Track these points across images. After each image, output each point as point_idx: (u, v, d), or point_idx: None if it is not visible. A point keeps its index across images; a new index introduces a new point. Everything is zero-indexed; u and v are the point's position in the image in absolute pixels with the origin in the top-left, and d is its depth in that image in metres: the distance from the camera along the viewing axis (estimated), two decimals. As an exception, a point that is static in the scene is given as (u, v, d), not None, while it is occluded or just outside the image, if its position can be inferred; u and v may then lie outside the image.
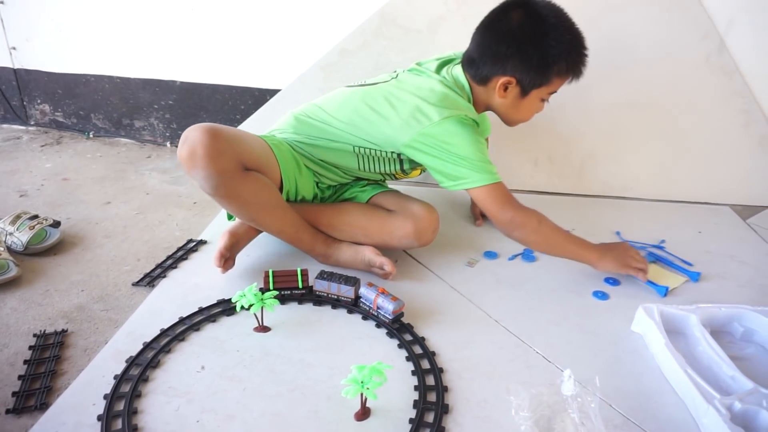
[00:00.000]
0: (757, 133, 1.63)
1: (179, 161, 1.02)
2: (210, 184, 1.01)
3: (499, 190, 1.12)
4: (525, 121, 1.26)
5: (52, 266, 1.24)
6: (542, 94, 1.17)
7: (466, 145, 1.10)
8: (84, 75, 2.02)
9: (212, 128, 1.00)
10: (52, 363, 0.93)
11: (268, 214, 1.14)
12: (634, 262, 1.16)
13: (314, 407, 0.85)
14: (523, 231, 1.13)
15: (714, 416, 0.79)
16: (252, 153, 1.08)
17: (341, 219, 1.23)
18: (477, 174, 1.10)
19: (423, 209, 1.21)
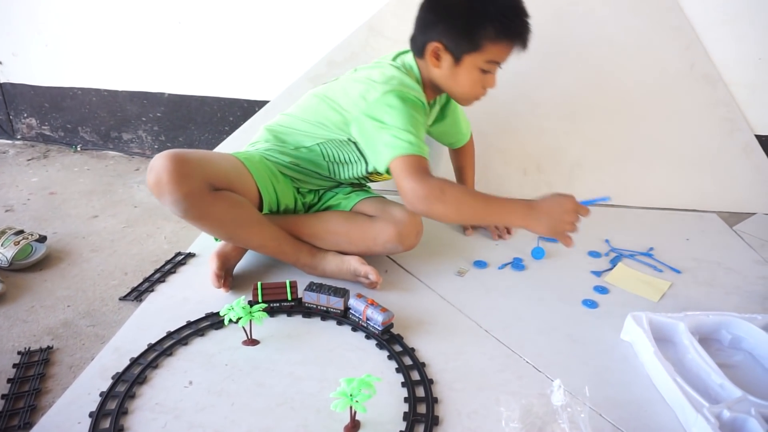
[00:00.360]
0: (741, 141, 1.65)
1: (149, 190, 1.03)
2: (179, 208, 1.02)
3: (411, 162, 1.03)
4: (472, 96, 1.17)
5: (38, 282, 1.22)
6: (478, 62, 1.10)
7: (397, 116, 1.05)
8: (71, 88, 2.00)
9: (176, 153, 1.01)
10: (37, 381, 0.91)
11: (245, 231, 1.13)
12: (566, 226, 1.03)
13: (303, 421, 0.84)
14: (426, 203, 1.02)
15: (703, 425, 0.79)
16: (220, 172, 1.09)
17: (323, 227, 1.22)
18: (396, 142, 1.04)
19: (405, 213, 1.21)
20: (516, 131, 1.70)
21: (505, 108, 1.68)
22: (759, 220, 1.62)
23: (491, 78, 1.15)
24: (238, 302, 0.99)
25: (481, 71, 1.12)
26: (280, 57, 1.77)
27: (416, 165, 1.03)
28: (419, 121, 1.09)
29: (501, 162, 1.74)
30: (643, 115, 1.66)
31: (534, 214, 1.03)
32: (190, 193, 1.01)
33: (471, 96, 1.18)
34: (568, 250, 1.38)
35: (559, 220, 1.02)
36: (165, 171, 0.99)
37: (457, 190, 1.07)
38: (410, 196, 1.03)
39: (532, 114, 1.68)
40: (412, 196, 1.02)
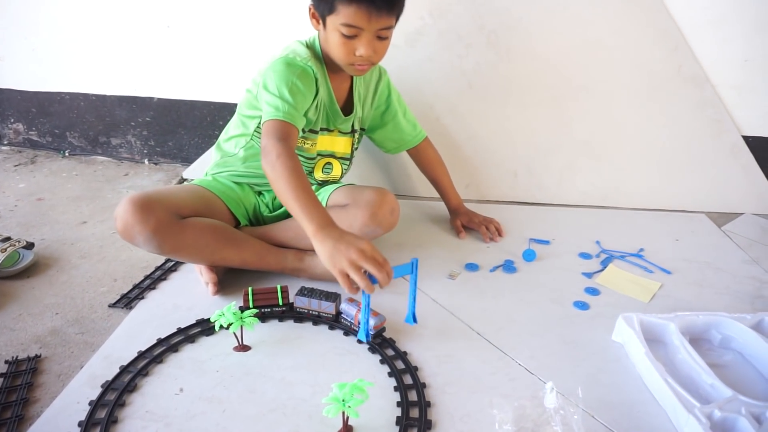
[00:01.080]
0: (728, 142, 1.66)
1: (121, 238, 1.07)
2: (153, 244, 1.05)
3: (275, 126, 1.05)
4: (344, 61, 1.12)
5: (25, 289, 1.21)
6: (336, 24, 1.07)
7: (276, 80, 1.09)
8: (58, 93, 1.99)
9: (135, 195, 1.05)
10: (24, 390, 0.90)
11: (222, 252, 1.14)
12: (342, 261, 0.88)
13: (295, 427, 0.83)
14: (264, 160, 1.01)
15: (694, 425, 0.79)
16: (181, 201, 1.13)
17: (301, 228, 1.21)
18: (268, 108, 1.08)
19: (375, 194, 1.19)
20: (506, 134, 1.71)
21: (496, 111, 1.69)
22: (747, 221, 1.64)
23: (360, 43, 1.08)
24: (229, 308, 0.98)
25: (343, 36, 1.08)
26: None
27: (275, 129, 1.05)
28: (299, 87, 1.10)
29: (492, 164, 1.74)
30: (631, 117, 1.67)
31: (325, 232, 0.92)
32: (158, 226, 1.04)
33: (346, 61, 1.12)
34: (559, 251, 1.40)
35: (344, 249, 0.89)
36: (128, 213, 1.03)
37: (287, 166, 0.99)
38: (261, 150, 1.04)
39: (523, 116, 1.69)
40: (261, 148, 1.04)
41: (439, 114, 1.69)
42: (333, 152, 1.31)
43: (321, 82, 1.18)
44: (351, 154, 1.34)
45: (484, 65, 1.64)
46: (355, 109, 1.29)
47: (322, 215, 0.95)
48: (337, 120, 1.26)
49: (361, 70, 1.15)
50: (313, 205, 0.96)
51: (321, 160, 1.30)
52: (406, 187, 1.76)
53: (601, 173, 1.72)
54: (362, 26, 1.06)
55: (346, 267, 0.88)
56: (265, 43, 1.73)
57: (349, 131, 1.30)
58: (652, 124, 1.67)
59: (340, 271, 0.88)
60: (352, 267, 0.87)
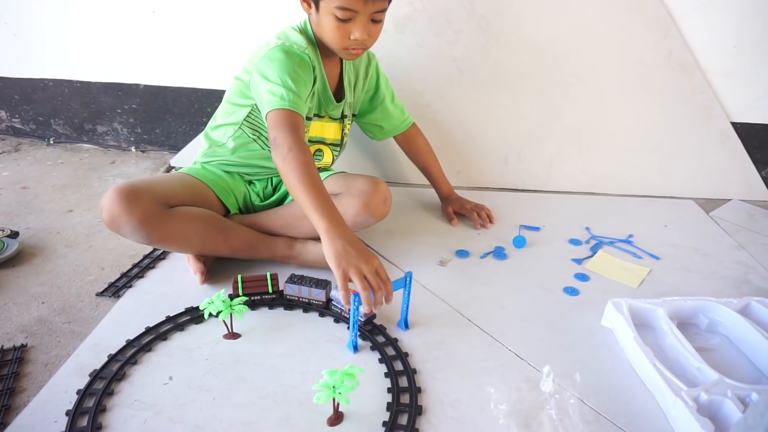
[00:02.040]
0: (717, 129, 1.67)
1: (108, 228, 1.04)
2: (140, 235, 1.04)
3: (283, 116, 1.04)
4: (338, 44, 1.11)
5: (10, 278, 1.19)
6: (330, 7, 1.06)
7: (276, 69, 1.08)
8: (42, 80, 1.95)
9: (121, 185, 1.03)
10: (11, 380, 0.89)
11: (211, 241, 1.13)
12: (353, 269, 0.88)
13: (286, 414, 0.83)
14: (275, 152, 1.01)
15: (682, 408, 0.80)
16: (169, 189, 1.11)
17: (293, 215, 1.20)
18: (271, 97, 1.06)
19: (368, 183, 1.19)
20: (497, 121, 1.70)
21: (486, 98, 1.68)
22: (734, 207, 1.65)
23: (355, 27, 1.08)
24: (218, 296, 0.97)
25: (337, 19, 1.07)
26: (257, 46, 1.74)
27: (284, 119, 1.04)
28: (300, 76, 1.10)
29: (482, 152, 1.74)
30: (621, 105, 1.67)
31: (337, 231, 0.91)
32: (145, 216, 1.02)
33: (339, 45, 1.11)
34: (550, 238, 1.40)
35: (354, 255, 0.89)
36: (115, 203, 1.01)
37: (300, 160, 0.98)
38: (271, 145, 1.03)
39: (513, 104, 1.68)
40: (272, 144, 1.02)
41: (428, 100, 1.68)
42: (323, 138, 1.29)
43: (317, 69, 1.17)
44: (341, 140, 1.33)
45: (474, 51, 1.63)
46: (345, 95, 1.28)
47: (335, 213, 0.94)
48: (329, 106, 1.25)
49: (355, 54, 1.13)
50: (326, 201, 0.95)
51: (311, 147, 1.28)
52: (395, 174, 1.76)
53: (591, 160, 1.72)
54: (357, 9, 1.05)
55: (352, 272, 0.87)
56: (253, 29, 1.71)
57: (339, 117, 1.29)
58: (642, 111, 1.67)
59: (344, 272, 0.88)
60: (357, 274, 0.87)
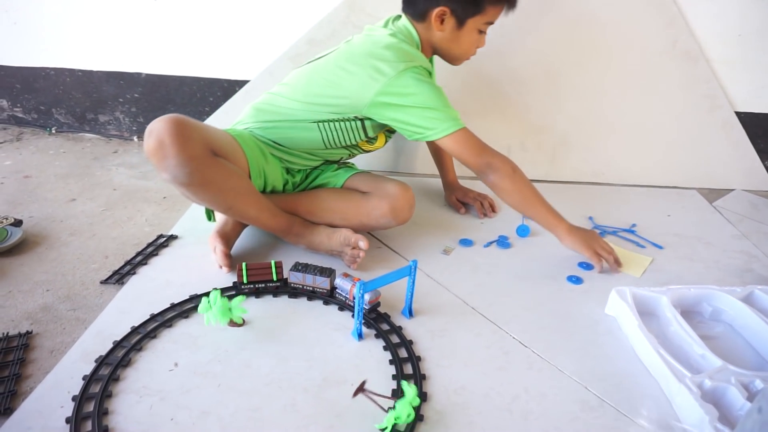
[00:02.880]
0: (720, 118, 1.66)
1: (147, 156, 0.99)
2: (184, 171, 0.98)
3: (469, 136, 1.15)
4: (467, 56, 1.25)
5: (15, 266, 1.19)
6: (478, 24, 1.16)
7: (426, 94, 1.11)
8: (43, 68, 1.94)
9: (176, 117, 0.98)
10: (17, 366, 0.89)
11: (243, 200, 1.12)
12: (599, 249, 1.19)
13: (291, 401, 0.83)
14: (498, 175, 1.16)
15: (686, 394, 0.80)
16: (218, 140, 1.07)
17: (318, 205, 1.23)
18: (443, 123, 1.12)
19: (398, 188, 1.22)
20: (500, 109, 1.70)
21: (490, 86, 1.67)
22: (738, 196, 1.65)
23: (484, 38, 1.22)
24: (215, 299, 0.94)
25: (479, 32, 1.19)
26: (260, 35, 1.74)
27: (476, 139, 1.16)
28: (440, 90, 1.15)
29: (485, 140, 1.72)
30: (625, 94, 1.66)
31: (577, 232, 1.19)
32: (194, 155, 0.98)
33: (466, 56, 1.25)
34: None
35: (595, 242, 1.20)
36: (167, 133, 0.95)
37: (524, 177, 1.18)
38: (486, 169, 1.16)
39: (517, 92, 1.68)
40: (488, 168, 1.16)
41: (432, 90, 1.67)
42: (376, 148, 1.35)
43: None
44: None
45: (477, 40, 1.62)
46: None
47: (564, 219, 1.20)
48: None
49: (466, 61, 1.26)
50: (555, 212, 1.20)
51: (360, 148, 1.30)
52: (398, 163, 1.75)
53: (594, 150, 1.72)
54: (495, 22, 1.18)
55: (599, 249, 1.19)
56: (255, 17, 1.70)
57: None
58: (646, 100, 1.66)
59: (595, 252, 1.18)
60: (604, 249, 1.19)
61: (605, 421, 0.81)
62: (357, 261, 1.15)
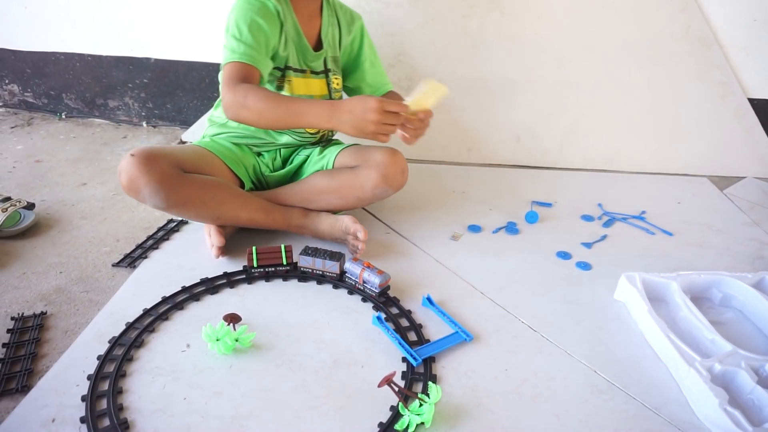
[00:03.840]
0: (733, 105, 1.65)
1: (125, 192, 1.05)
2: (159, 197, 1.04)
3: (230, 71, 1.05)
4: None
5: (28, 249, 1.21)
6: None
7: (233, 19, 1.08)
8: (53, 53, 1.94)
9: (139, 150, 1.04)
10: (32, 345, 0.91)
11: (229, 207, 1.13)
12: (369, 125, 0.98)
13: (302, 382, 0.84)
14: (233, 111, 1.04)
15: (695, 378, 0.80)
16: (185, 157, 1.12)
17: (311, 190, 1.21)
18: (224, 52, 1.07)
19: (384, 154, 1.19)
20: (509, 96, 1.69)
21: (499, 73, 1.66)
22: (749, 184, 1.64)
23: None
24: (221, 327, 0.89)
25: None
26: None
27: (231, 73, 1.05)
28: (260, 25, 1.08)
29: (494, 128, 1.72)
30: (636, 80, 1.65)
31: (337, 115, 1.00)
32: (164, 178, 1.03)
33: None
34: (562, 214, 1.40)
35: (362, 118, 0.98)
36: (133, 165, 1.02)
37: (259, 96, 1.02)
38: (224, 106, 1.05)
39: (526, 79, 1.66)
40: (224, 105, 1.05)
41: (441, 76, 1.67)
42: (312, 96, 1.26)
43: (286, 16, 1.15)
44: (330, 96, 1.29)
45: (488, 25, 1.61)
46: (324, 46, 1.24)
47: (319, 105, 1.02)
48: (306, 56, 1.22)
49: None
50: (304, 104, 1.03)
51: None
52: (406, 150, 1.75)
53: (604, 137, 1.71)
54: None
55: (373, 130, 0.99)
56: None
57: (321, 70, 1.26)
58: (657, 86, 1.65)
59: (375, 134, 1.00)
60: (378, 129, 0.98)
61: (615, 405, 0.82)
62: (358, 252, 1.15)
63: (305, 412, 0.79)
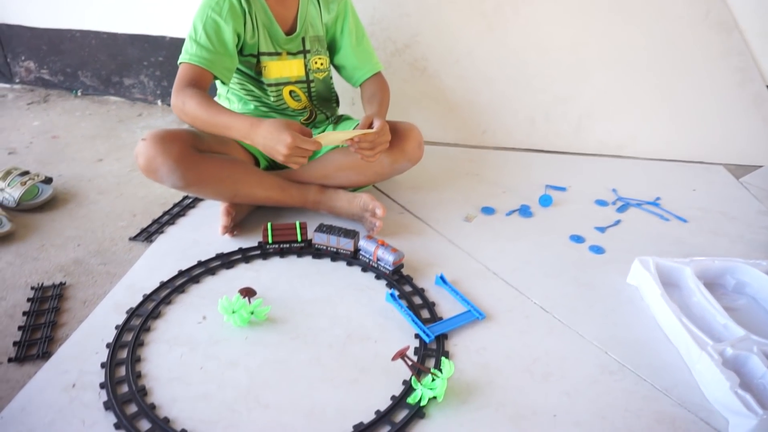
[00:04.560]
0: (752, 92, 1.62)
1: (144, 174, 1.06)
2: (176, 175, 1.05)
3: (181, 73, 1.09)
4: None
5: (46, 222, 1.23)
6: None
7: (193, 17, 1.10)
8: (69, 30, 1.95)
9: (153, 132, 1.05)
10: (52, 314, 0.93)
11: (245, 184, 1.14)
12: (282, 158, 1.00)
13: (316, 355, 0.86)
14: (176, 112, 1.08)
15: (707, 361, 0.81)
16: (198, 136, 1.12)
17: (332, 167, 1.22)
18: (183, 53, 1.10)
19: (403, 129, 1.20)
20: (525, 79, 1.68)
21: (515, 55, 1.65)
22: (766, 173, 1.62)
23: None
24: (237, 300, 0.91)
25: None
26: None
27: (181, 75, 1.09)
28: (216, 22, 1.09)
29: (509, 111, 1.71)
30: (653, 64, 1.62)
31: (253, 134, 1.02)
32: (181, 156, 1.04)
33: None
34: (576, 198, 1.40)
35: (273, 147, 0.99)
36: (149, 146, 1.03)
37: (195, 102, 1.04)
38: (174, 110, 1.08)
39: (542, 62, 1.65)
40: (171, 105, 1.08)
41: (457, 57, 1.66)
42: (288, 78, 1.24)
43: (252, 3, 1.14)
44: (307, 77, 1.26)
45: (505, 6, 1.59)
46: (300, 27, 1.22)
47: (240, 122, 1.03)
48: (279, 39, 1.20)
49: None
50: (229, 118, 1.04)
51: (285, 89, 1.25)
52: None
53: (620, 122, 1.69)
54: None
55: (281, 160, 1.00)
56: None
57: (299, 51, 1.24)
58: (675, 71, 1.62)
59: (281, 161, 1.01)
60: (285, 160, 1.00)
61: (625, 385, 0.82)
62: (375, 230, 1.16)
63: (319, 384, 0.80)
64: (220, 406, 0.76)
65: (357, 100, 1.62)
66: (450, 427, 0.74)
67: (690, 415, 0.78)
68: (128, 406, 0.75)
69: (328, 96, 1.33)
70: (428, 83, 1.70)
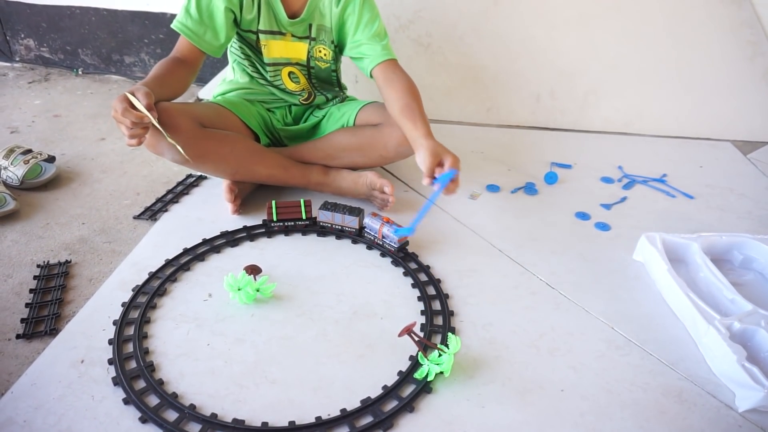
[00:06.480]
0: (763, 66, 1.60)
1: (147, 149, 1.05)
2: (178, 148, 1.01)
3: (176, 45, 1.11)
4: None
5: (50, 200, 1.22)
6: None
7: None
8: (69, 7, 1.92)
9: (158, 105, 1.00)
10: (59, 292, 0.93)
11: (248, 161, 1.13)
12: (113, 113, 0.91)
13: (322, 331, 0.86)
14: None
15: (714, 335, 0.81)
16: (200, 112, 1.11)
17: (335, 146, 1.20)
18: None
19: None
20: (530, 55, 1.65)
21: (521, 31, 1.62)
22: (774, 149, 1.60)
23: None
24: (242, 277, 0.90)
25: None
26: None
27: (177, 45, 1.10)
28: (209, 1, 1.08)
29: (514, 87, 1.69)
30: (662, 39, 1.60)
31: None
32: (183, 130, 1.02)
33: None
34: (581, 175, 1.39)
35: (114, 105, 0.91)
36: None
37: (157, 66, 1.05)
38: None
39: (548, 36, 1.62)
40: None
41: (462, 33, 1.63)
42: (288, 59, 1.21)
43: None
44: (308, 62, 1.23)
45: (511, -20, 1.56)
46: (305, 12, 1.17)
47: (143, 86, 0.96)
48: (281, 21, 1.17)
49: None
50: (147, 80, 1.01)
51: (284, 69, 1.23)
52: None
53: (626, 98, 1.67)
54: None
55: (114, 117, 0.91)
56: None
57: (305, 36, 1.20)
58: (684, 46, 1.60)
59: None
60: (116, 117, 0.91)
61: (631, 360, 0.83)
62: (388, 206, 1.15)
63: (326, 359, 0.81)
64: (227, 382, 0.76)
65: (360, 77, 1.60)
66: (457, 402, 0.75)
67: (696, 388, 0.78)
68: (136, 381, 0.76)
69: (330, 80, 1.31)
70: (432, 59, 1.67)
